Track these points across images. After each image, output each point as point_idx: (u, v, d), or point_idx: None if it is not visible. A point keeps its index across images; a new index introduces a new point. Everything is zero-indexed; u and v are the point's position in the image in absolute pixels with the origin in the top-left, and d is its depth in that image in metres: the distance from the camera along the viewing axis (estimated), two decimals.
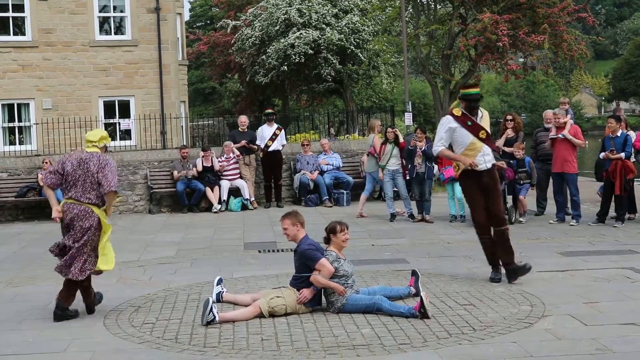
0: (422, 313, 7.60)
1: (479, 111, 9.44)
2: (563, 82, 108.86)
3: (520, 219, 14.69)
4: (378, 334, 7.16)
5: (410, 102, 25.18)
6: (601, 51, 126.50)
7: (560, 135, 14.19)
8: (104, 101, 23.63)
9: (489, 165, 9.37)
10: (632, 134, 14.50)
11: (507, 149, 15.02)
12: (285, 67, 32.47)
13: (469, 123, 9.32)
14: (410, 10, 25.88)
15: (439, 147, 9.47)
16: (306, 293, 7.99)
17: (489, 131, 9.48)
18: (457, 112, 9.38)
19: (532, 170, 14.84)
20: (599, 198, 14.84)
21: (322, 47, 32.04)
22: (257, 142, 18.90)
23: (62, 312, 8.07)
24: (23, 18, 23.16)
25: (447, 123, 9.44)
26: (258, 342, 7.02)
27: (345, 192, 18.71)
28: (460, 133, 9.33)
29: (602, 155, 14.00)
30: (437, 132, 9.62)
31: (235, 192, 18.80)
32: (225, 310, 8.04)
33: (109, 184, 7.98)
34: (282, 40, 32.04)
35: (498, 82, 79.43)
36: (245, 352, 6.74)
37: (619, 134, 13.87)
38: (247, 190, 18.70)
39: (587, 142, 15.81)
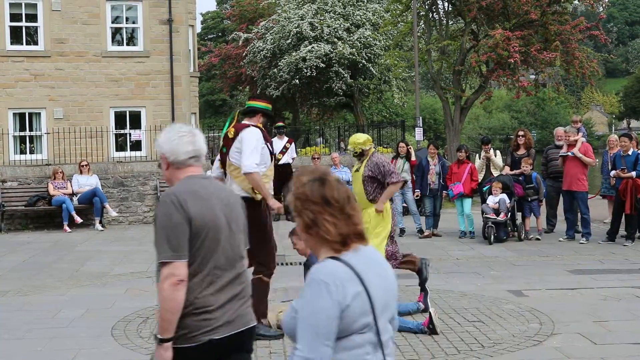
0: (430, 329, 7.58)
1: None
2: (574, 99, 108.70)
3: (536, 236, 14.63)
4: None
5: (420, 117, 25.21)
6: (612, 69, 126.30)
7: (570, 153, 14.16)
8: (115, 111, 23.66)
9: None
10: None
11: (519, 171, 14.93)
12: (297, 81, 32.54)
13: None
14: (422, 25, 25.91)
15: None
16: None
17: None
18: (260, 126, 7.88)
19: (539, 185, 14.82)
20: (609, 216, 14.77)
21: (333, 61, 32.10)
22: None
23: None
24: (36, 28, 23.24)
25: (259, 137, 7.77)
26: (266, 356, 7.01)
27: None
28: (265, 152, 7.88)
29: (612, 173, 13.96)
30: (249, 147, 7.67)
31: None
32: None
33: None
34: (294, 54, 32.11)
35: (509, 99, 79.34)
36: None
37: (630, 152, 13.82)
38: None
39: (597, 160, 15.75)
